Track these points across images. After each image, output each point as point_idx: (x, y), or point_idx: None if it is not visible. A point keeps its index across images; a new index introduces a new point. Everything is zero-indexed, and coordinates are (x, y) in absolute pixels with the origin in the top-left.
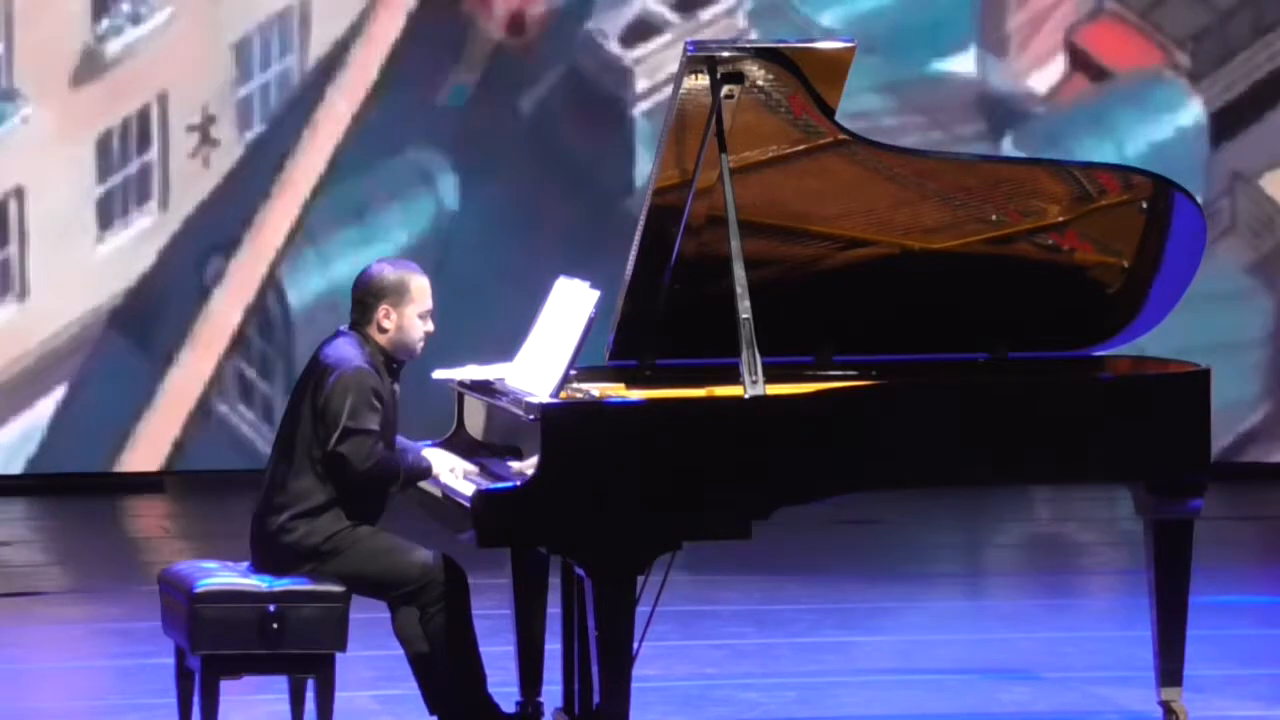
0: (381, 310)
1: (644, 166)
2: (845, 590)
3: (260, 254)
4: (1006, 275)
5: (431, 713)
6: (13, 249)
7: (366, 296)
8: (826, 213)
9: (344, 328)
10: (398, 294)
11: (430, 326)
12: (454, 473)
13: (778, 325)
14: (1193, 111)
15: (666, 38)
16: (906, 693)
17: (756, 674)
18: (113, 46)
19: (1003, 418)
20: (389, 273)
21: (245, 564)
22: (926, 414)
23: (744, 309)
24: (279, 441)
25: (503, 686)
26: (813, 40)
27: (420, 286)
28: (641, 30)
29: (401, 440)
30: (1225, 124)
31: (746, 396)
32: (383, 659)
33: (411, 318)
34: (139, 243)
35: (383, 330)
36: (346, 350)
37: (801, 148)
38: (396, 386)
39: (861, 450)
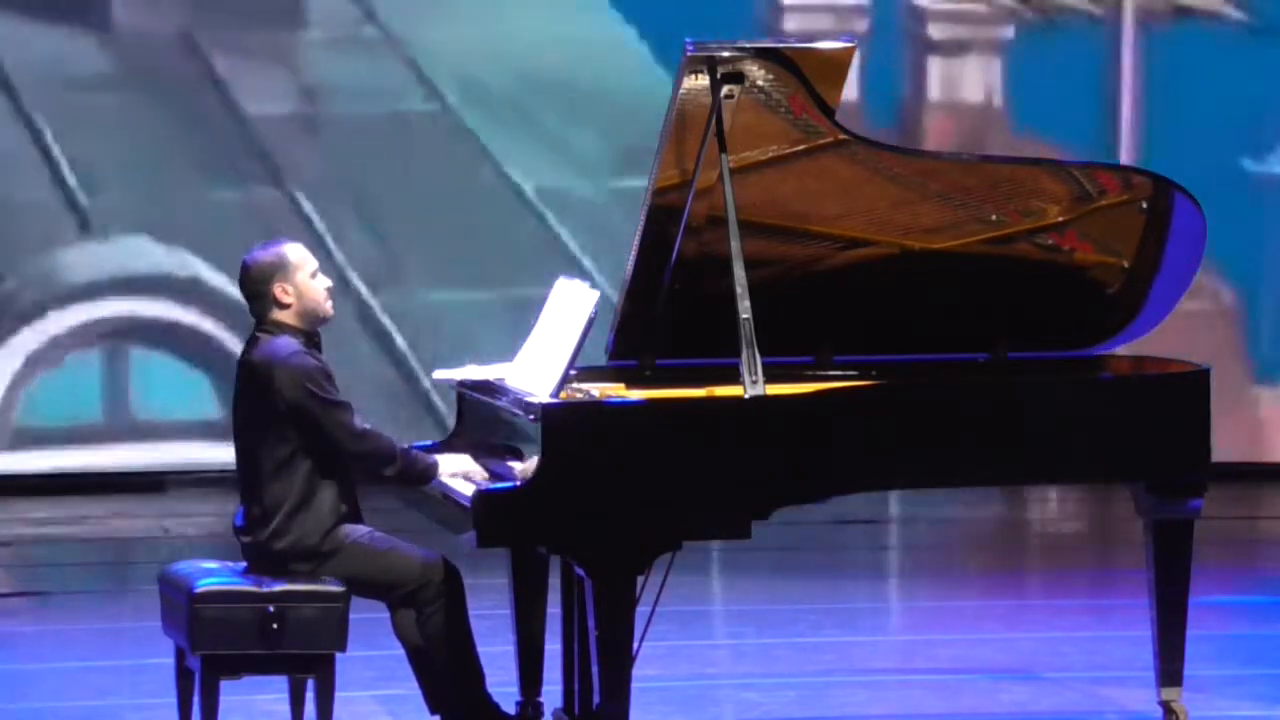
0: (277, 289)
1: None
2: (845, 590)
3: None
4: (1006, 275)
5: (433, 712)
6: None
7: (257, 286)
8: (826, 213)
9: (255, 330)
10: (282, 268)
11: (328, 282)
12: (457, 477)
13: (778, 325)
14: None
15: None
16: (906, 693)
17: (756, 674)
18: None
19: (1003, 418)
20: (263, 255)
21: (245, 564)
22: (926, 414)
23: (744, 309)
24: (240, 456)
25: (503, 686)
26: (813, 40)
27: (297, 253)
28: None
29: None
30: None
31: (746, 396)
32: (383, 659)
33: (306, 282)
34: None
35: (285, 306)
36: (271, 346)
37: (801, 148)
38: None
39: (861, 450)
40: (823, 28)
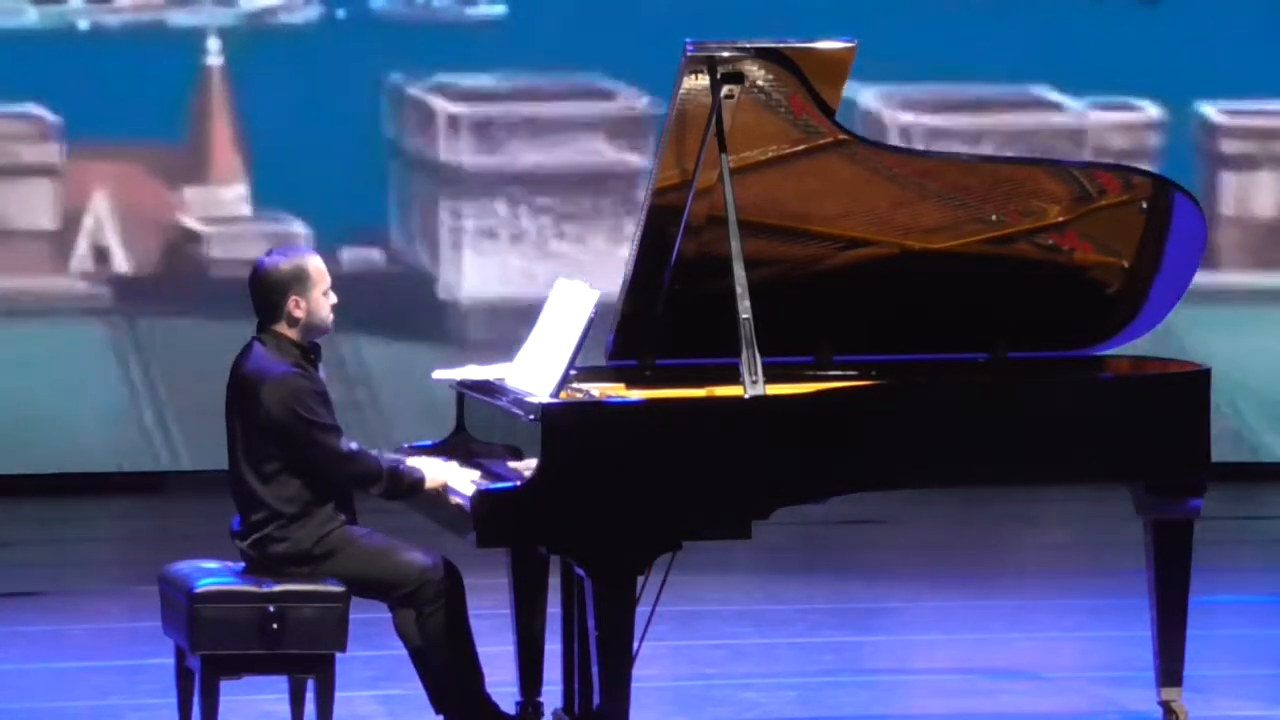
0: (290, 302)
1: None
2: (845, 590)
3: None
4: (1006, 275)
5: (438, 712)
6: None
7: (270, 294)
8: (826, 213)
9: (256, 334)
10: (300, 281)
11: (334, 299)
12: (447, 485)
13: (778, 325)
14: None
15: None
16: (906, 693)
17: (756, 674)
18: None
19: (1003, 418)
20: (284, 264)
21: (245, 564)
22: (926, 414)
23: (744, 309)
24: (233, 461)
25: (503, 686)
26: (813, 40)
27: (317, 267)
28: None
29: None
30: None
31: (746, 396)
32: (383, 659)
33: (318, 299)
34: None
35: (294, 322)
36: (266, 360)
37: (801, 148)
38: (322, 373)
39: (861, 450)
40: (1119, 145)
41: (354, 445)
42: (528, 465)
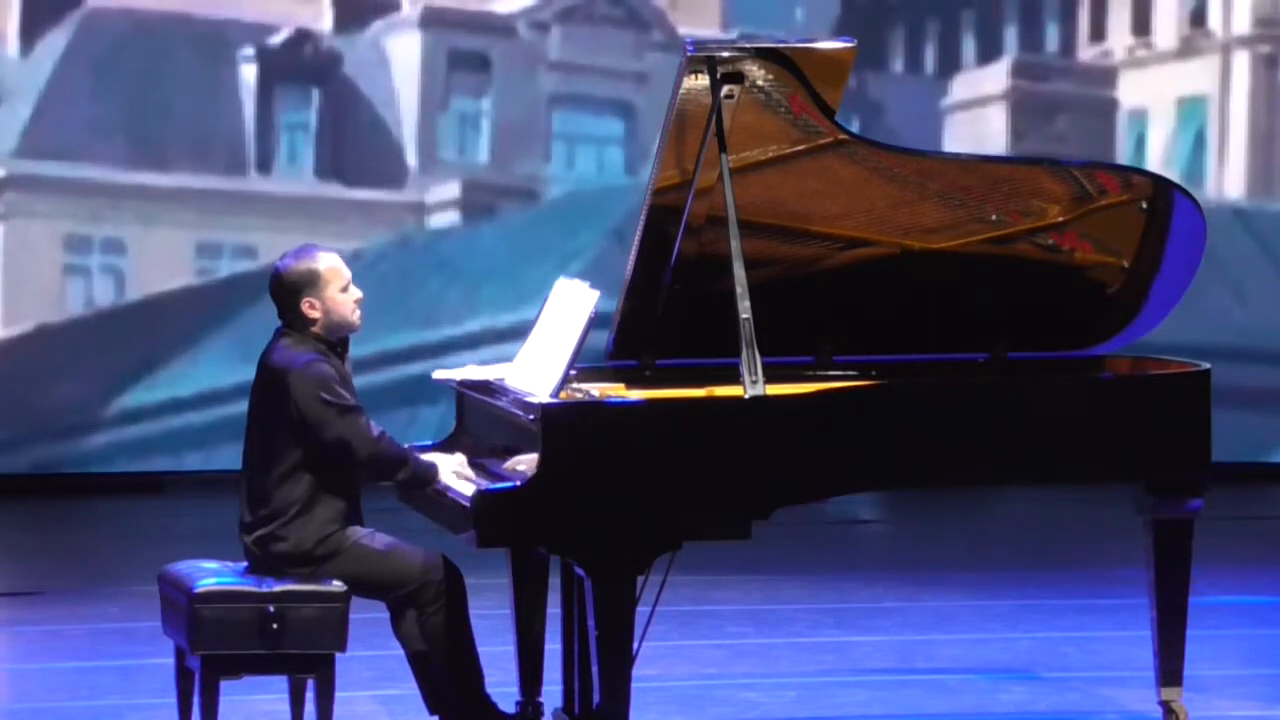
0: (304, 303)
1: None
2: (845, 590)
3: None
4: (1006, 275)
5: (432, 713)
6: None
7: (284, 296)
8: (826, 213)
9: (280, 328)
10: (311, 283)
11: (358, 294)
12: (456, 475)
13: (778, 325)
14: None
15: None
16: (906, 693)
17: (756, 674)
18: None
19: (1003, 418)
20: (294, 266)
21: (245, 564)
22: (926, 414)
23: (744, 309)
24: (249, 454)
25: (503, 686)
26: (813, 40)
27: (329, 267)
28: None
29: None
30: None
31: (746, 396)
32: (383, 659)
33: (334, 298)
34: None
35: (311, 321)
36: (290, 351)
37: (801, 148)
38: (348, 367)
39: (861, 450)
40: None
41: (380, 429)
42: (526, 463)
